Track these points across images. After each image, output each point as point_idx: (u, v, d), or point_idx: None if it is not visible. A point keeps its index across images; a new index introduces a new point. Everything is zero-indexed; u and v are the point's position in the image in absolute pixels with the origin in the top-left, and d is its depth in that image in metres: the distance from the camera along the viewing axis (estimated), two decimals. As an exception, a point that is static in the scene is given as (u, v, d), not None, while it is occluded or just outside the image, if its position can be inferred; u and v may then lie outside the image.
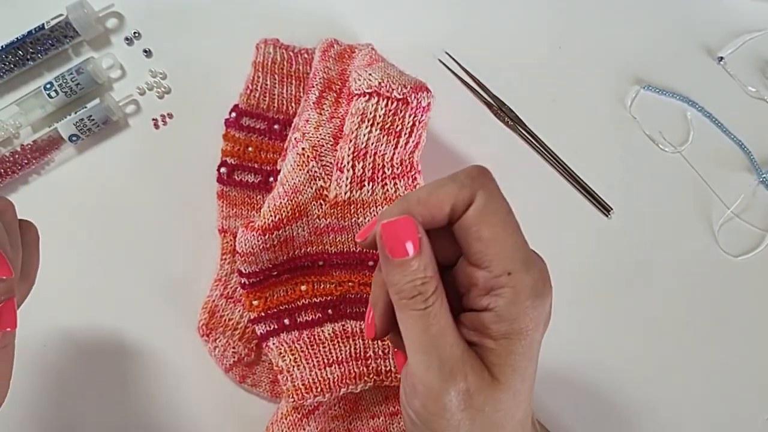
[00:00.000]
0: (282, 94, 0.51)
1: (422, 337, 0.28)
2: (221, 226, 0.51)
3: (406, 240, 0.28)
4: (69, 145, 0.52)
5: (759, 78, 0.55)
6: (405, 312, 0.29)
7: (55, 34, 0.52)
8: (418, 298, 0.28)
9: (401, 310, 0.29)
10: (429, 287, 0.28)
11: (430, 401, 0.29)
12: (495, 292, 0.28)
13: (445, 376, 0.28)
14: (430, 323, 0.28)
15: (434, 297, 0.28)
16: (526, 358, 0.29)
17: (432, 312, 0.28)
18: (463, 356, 0.28)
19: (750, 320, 0.52)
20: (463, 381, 0.28)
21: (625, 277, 0.52)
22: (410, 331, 0.29)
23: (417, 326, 0.28)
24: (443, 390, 0.28)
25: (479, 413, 0.28)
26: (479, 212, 0.28)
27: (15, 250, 0.36)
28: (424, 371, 0.28)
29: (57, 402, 0.50)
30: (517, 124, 0.54)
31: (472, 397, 0.28)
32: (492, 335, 0.29)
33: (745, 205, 0.53)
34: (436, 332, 0.28)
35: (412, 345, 0.29)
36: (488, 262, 0.28)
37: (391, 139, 0.45)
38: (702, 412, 0.51)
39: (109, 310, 0.51)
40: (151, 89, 0.54)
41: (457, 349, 0.28)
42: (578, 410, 0.51)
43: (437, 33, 0.55)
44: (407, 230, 0.28)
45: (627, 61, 0.55)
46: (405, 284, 0.28)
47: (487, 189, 0.29)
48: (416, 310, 0.28)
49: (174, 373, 0.51)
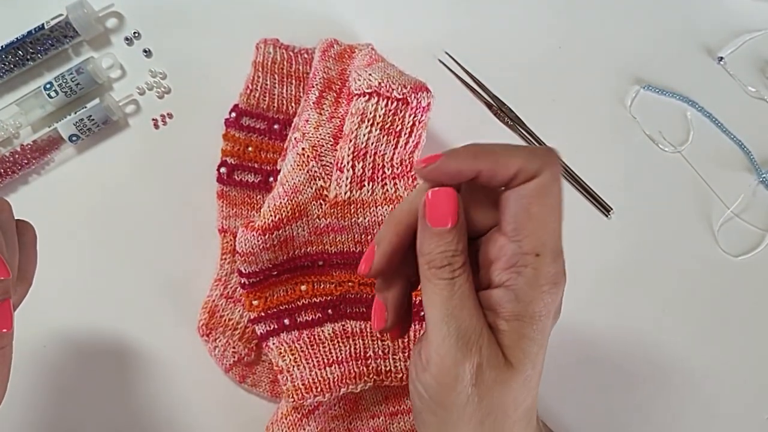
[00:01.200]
0: (282, 94, 0.51)
1: (445, 305, 0.29)
2: (221, 226, 0.51)
3: (448, 212, 0.29)
4: (69, 145, 0.52)
5: (759, 78, 0.55)
6: (431, 281, 0.30)
7: (55, 34, 0.52)
8: (446, 268, 0.29)
9: (428, 279, 0.30)
10: (458, 260, 0.29)
11: (443, 372, 0.29)
12: (517, 269, 0.29)
13: (461, 346, 0.29)
14: (454, 292, 0.29)
15: (461, 270, 0.29)
16: (536, 344, 0.29)
17: (457, 283, 0.29)
18: (482, 331, 0.29)
19: (750, 320, 0.52)
20: (478, 354, 0.29)
21: (625, 277, 0.52)
22: (433, 300, 0.29)
23: (441, 295, 0.29)
24: (458, 360, 0.29)
25: (488, 392, 0.29)
26: (539, 187, 0.29)
27: (12, 250, 0.36)
28: (442, 340, 0.29)
29: (57, 402, 0.50)
30: (517, 124, 0.54)
31: (484, 373, 0.29)
32: (505, 315, 0.29)
33: (745, 205, 0.53)
34: (458, 303, 0.29)
35: (433, 313, 0.29)
36: (523, 237, 0.29)
37: (391, 139, 0.45)
38: (702, 412, 0.51)
39: (109, 310, 0.51)
40: (151, 89, 0.54)
41: (478, 322, 0.29)
42: (578, 410, 0.51)
43: (437, 33, 0.55)
44: (450, 203, 0.29)
45: (627, 61, 0.55)
46: (437, 254, 0.29)
47: (553, 170, 0.29)
48: (443, 279, 0.29)
49: (174, 373, 0.51)
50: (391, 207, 0.46)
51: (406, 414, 0.50)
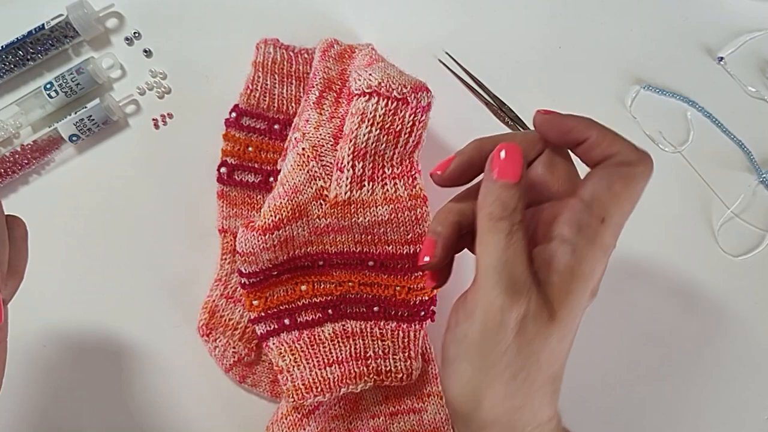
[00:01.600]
0: (282, 94, 0.51)
1: (499, 255, 0.30)
2: (221, 226, 0.51)
3: (515, 167, 0.31)
4: (69, 145, 0.52)
5: (759, 78, 0.55)
6: (488, 232, 0.31)
7: (55, 34, 0.52)
8: (506, 220, 0.30)
9: (486, 230, 0.31)
10: (517, 216, 0.31)
11: (489, 317, 0.30)
12: (580, 226, 0.30)
13: (511, 293, 0.30)
14: (510, 244, 0.30)
15: (519, 225, 0.30)
16: (579, 305, 0.31)
17: (515, 236, 0.30)
18: (531, 282, 0.30)
19: (750, 320, 0.52)
20: (525, 304, 0.30)
21: (624, 277, 0.52)
22: (488, 249, 0.30)
23: (497, 245, 0.30)
24: (505, 307, 0.30)
25: (528, 345, 0.30)
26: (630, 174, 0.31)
27: (1, 245, 0.36)
28: (492, 286, 0.30)
29: (57, 402, 0.50)
30: (517, 124, 0.54)
31: (528, 324, 0.30)
32: (558, 267, 0.30)
33: (745, 205, 0.53)
34: (513, 253, 0.30)
35: (486, 262, 0.30)
36: (596, 203, 0.30)
37: (391, 139, 0.45)
38: (702, 412, 0.51)
39: (109, 309, 0.51)
40: (151, 89, 0.54)
41: (528, 274, 0.30)
42: (577, 410, 0.51)
43: (437, 33, 0.55)
44: (517, 159, 0.31)
45: (627, 61, 0.55)
46: (498, 205, 0.31)
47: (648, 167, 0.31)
48: (500, 231, 0.30)
49: (174, 373, 0.51)
50: (391, 207, 0.46)
51: (406, 414, 0.50)
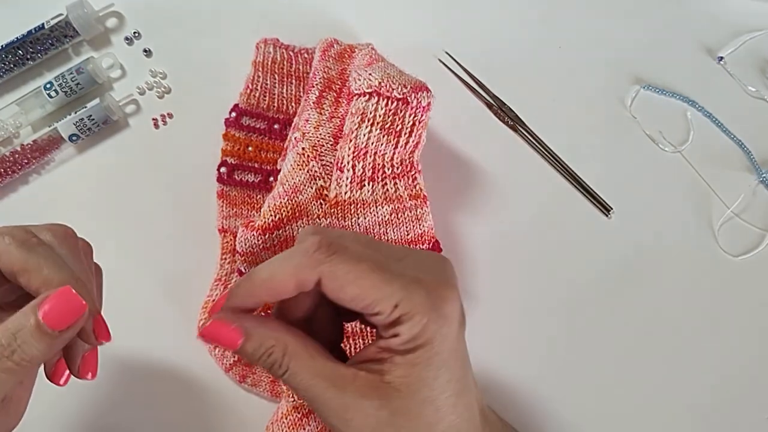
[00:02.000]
0: (282, 94, 0.51)
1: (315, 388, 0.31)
2: (221, 226, 0.51)
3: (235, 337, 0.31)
4: (69, 144, 0.52)
5: (759, 78, 0.55)
6: None
7: (55, 33, 0.52)
8: (274, 367, 0.31)
9: None
10: (276, 355, 0.31)
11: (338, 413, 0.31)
12: (394, 329, 0.30)
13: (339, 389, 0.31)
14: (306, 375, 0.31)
15: (287, 358, 0.31)
16: (433, 368, 0.31)
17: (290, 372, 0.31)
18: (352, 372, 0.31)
19: (750, 320, 0.52)
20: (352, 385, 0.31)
21: (624, 277, 0.52)
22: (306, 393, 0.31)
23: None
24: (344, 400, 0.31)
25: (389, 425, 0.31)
26: (332, 283, 0.30)
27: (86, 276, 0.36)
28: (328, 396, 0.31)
29: (56, 402, 0.50)
30: (517, 124, 0.54)
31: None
32: (399, 351, 0.31)
33: (745, 205, 0.53)
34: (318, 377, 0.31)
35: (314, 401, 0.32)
36: (373, 308, 0.30)
37: (391, 139, 0.45)
38: (702, 412, 0.51)
39: (109, 309, 0.51)
40: (151, 89, 0.54)
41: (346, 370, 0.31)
42: (576, 410, 0.51)
43: (437, 33, 0.55)
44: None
45: (627, 60, 0.55)
46: (255, 360, 0.31)
47: (328, 264, 0.30)
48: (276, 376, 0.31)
49: (174, 373, 0.51)
50: (391, 207, 0.46)
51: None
